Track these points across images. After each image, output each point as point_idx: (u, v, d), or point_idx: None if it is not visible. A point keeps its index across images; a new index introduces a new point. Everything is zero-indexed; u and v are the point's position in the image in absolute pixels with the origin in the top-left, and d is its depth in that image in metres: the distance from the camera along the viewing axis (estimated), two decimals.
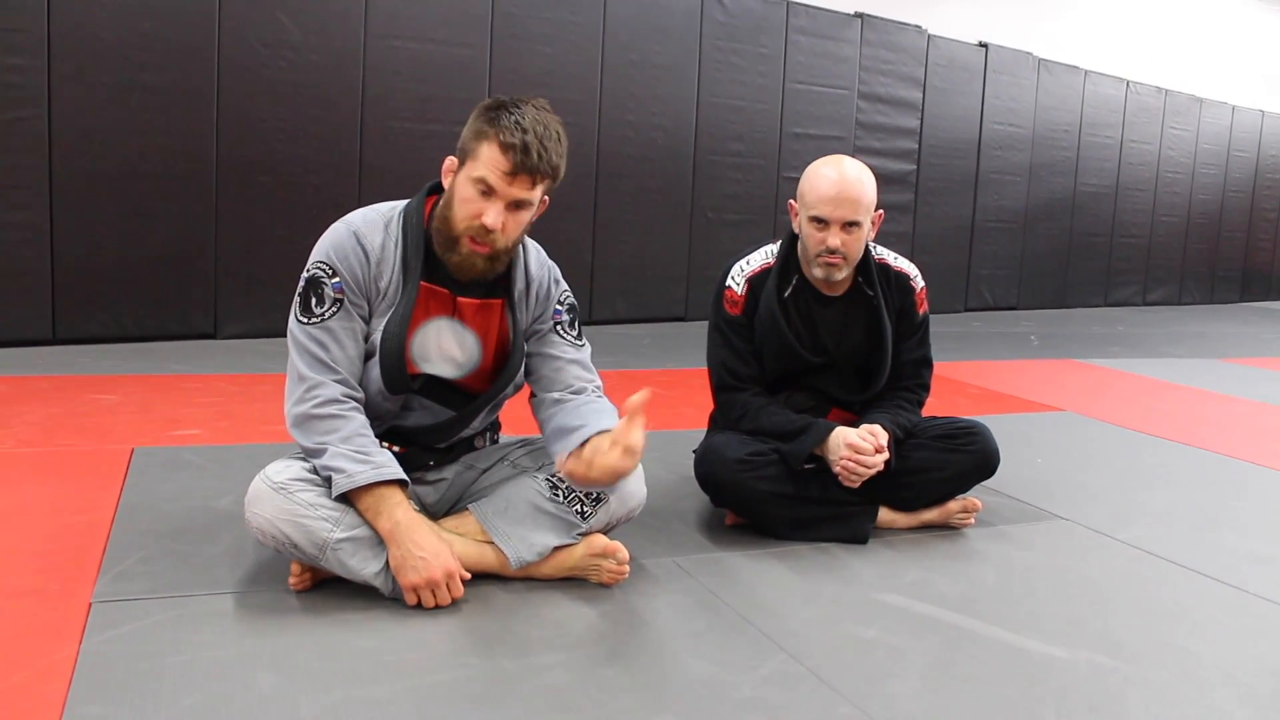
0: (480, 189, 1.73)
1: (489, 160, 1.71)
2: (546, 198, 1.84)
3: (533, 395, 1.98)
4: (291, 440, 1.77)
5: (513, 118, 1.71)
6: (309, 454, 1.75)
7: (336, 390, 1.74)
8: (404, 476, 1.74)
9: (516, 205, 1.75)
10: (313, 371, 1.74)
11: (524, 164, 1.70)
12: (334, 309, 1.75)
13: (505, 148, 1.70)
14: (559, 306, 1.96)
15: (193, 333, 4.71)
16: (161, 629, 1.58)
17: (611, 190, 5.99)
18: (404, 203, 1.87)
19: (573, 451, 1.74)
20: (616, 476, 1.69)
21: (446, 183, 1.81)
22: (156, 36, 4.47)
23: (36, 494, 2.26)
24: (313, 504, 1.69)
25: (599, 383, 1.98)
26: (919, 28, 7.34)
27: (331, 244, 1.78)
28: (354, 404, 1.77)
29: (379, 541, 1.72)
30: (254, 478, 1.73)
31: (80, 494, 2.26)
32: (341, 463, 1.69)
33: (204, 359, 4.22)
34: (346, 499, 1.71)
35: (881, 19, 7.07)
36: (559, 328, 1.95)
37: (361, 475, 1.68)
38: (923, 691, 1.53)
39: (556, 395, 1.92)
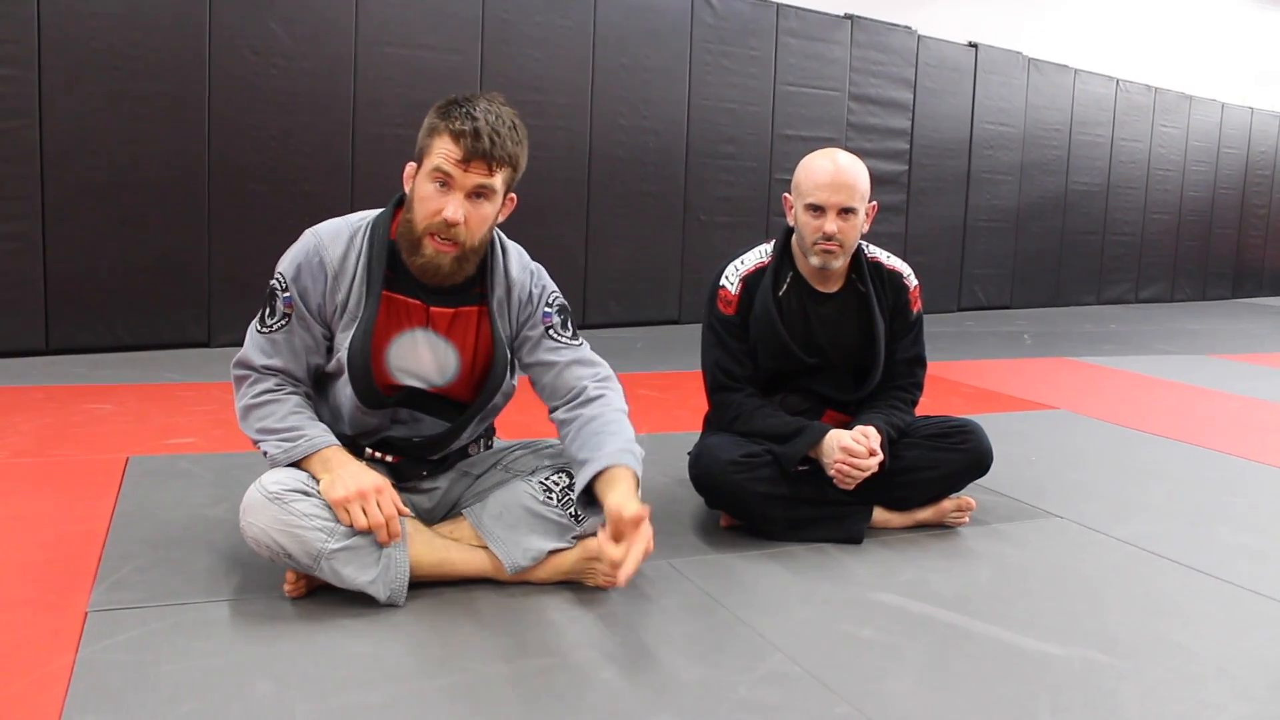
0: (438, 182, 1.72)
1: (442, 151, 1.71)
2: (513, 196, 1.84)
3: (551, 410, 1.95)
4: None
5: (463, 109, 1.72)
6: (255, 442, 1.79)
7: (272, 382, 1.79)
8: (332, 442, 1.76)
9: (477, 195, 1.74)
10: (254, 369, 1.80)
11: (476, 148, 1.69)
12: (283, 322, 1.79)
13: (456, 135, 1.70)
14: (548, 309, 1.93)
15: (186, 341, 4.71)
16: (157, 637, 1.58)
17: (604, 194, 6.00)
18: (376, 212, 1.86)
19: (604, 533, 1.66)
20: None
21: (408, 189, 1.81)
22: (147, 46, 4.46)
23: (32, 504, 2.25)
24: (308, 514, 1.68)
25: (605, 372, 1.95)
26: (909, 28, 7.36)
27: (293, 255, 1.81)
28: (290, 389, 1.81)
29: (374, 550, 1.72)
30: (249, 486, 1.73)
31: (75, 504, 2.26)
32: (273, 449, 1.75)
33: (198, 367, 4.21)
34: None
35: (871, 20, 7.09)
36: (551, 331, 1.92)
37: (293, 450, 1.74)
38: (919, 690, 1.54)
39: (564, 411, 1.89)
